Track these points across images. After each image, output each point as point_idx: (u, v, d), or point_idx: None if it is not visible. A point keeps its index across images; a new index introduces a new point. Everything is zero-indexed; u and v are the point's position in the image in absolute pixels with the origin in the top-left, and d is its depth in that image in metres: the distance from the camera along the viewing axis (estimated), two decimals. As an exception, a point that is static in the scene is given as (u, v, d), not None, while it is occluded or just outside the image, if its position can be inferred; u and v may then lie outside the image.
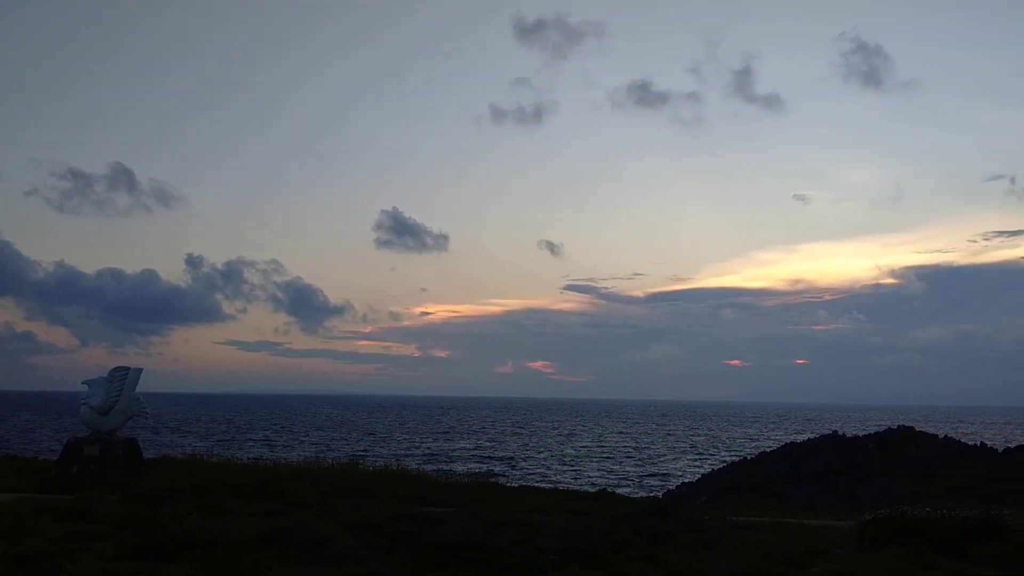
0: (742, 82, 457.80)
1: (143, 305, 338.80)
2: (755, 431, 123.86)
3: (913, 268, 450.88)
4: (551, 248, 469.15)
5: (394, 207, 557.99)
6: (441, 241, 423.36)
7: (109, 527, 13.01)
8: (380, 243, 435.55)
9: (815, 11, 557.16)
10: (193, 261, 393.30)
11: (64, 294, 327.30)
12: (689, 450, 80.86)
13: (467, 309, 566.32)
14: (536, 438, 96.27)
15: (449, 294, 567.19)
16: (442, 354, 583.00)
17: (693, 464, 63.61)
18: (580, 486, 39.11)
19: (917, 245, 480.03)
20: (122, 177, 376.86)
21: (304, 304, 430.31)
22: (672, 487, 43.33)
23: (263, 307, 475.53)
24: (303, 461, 24.18)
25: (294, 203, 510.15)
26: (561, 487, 32.89)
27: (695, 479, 43.58)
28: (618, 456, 71.46)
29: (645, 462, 65.94)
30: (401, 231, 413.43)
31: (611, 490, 31.06)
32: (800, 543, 13.48)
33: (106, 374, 21.27)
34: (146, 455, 23.67)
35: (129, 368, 21.40)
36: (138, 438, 22.53)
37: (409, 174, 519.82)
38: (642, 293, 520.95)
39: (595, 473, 55.72)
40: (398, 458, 54.57)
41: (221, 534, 12.06)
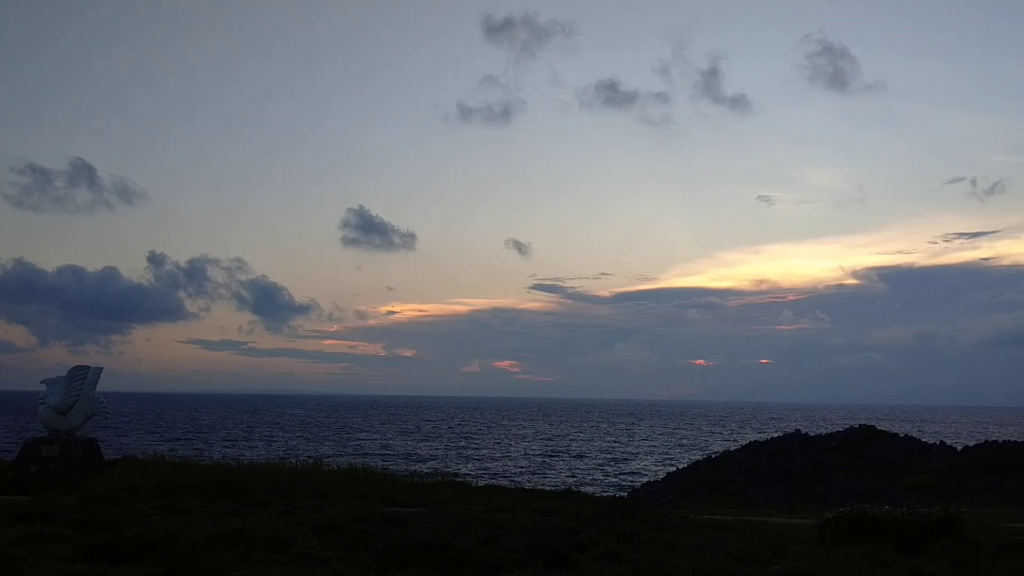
0: (709, 83, 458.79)
1: (104, 303, 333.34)
2: (719, 430, 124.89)
3: (875, 269, 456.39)
4: (519, 247, 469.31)
5: (361, 205, 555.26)
6: (408, 240, 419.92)
7: (68, 528, 12.84)
8: (347, 241, 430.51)
9: (782, 13, 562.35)
10: (156, 259, 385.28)
11: (23, 292, 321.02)
12: (654, 449, 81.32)
13: (434, 308, 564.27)
14: (502, 437, 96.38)
15: (416, 293, 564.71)
16: (409, 353, 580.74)
17: (658, 463, 63.96)
18: (546, 485, 39.18)
19: (879, 246, 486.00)
20: (83, 173, 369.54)
21: (269, 303, 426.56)
22: (637, 486, 43.56)
23: (227, 306, 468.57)
24: (266, 461, 24.04)
25: (259, 201, 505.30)
26: (527, 487, 32.95)
27: (660, 478, 43.84)
28: (584, 455, 71.72)
29: (611, 461, 66.22)
30: (368, 229, 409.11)
31: (577, 489, 31.20)
32: (762, 541, 13.62)
33: (65, 373, 21.04)
34: (106, 455, 23.40)
35: (89, 367, 21.20)
36: (98, 438, 22.29)
37: (376, 172, 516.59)
38: (609, 293, 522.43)
39: (561, 472, 55.88)
40: (363, 458, 54.45)
41: (182, 535, 11.95)
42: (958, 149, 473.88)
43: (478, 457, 67.43)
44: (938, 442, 42.92)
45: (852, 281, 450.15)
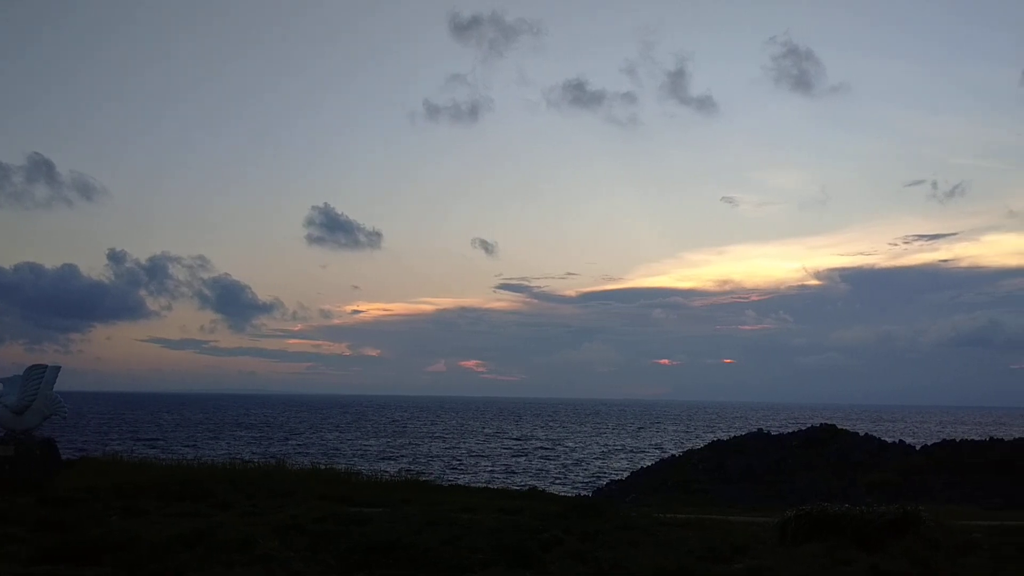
0: (676, 83, 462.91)
1: (63, 301, 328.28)
2: (683, 429, 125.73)
3: (837, 270, 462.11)
4: (485, 247, 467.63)
5: (325, 203, 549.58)
6: (374, 238, 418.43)
7: (25, 530, 12.66)
8: (311, 240, 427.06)
9: (749, 15, 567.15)
10: (116, 256, 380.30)
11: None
12: (619, 448, 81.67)
13: (399, 307, 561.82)
14: (467, 436, 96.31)
15: (381, 292, 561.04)
16: (374, 353, 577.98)
17: (623, 462, 64.25)
18: (511, 485, 39.21)
19: (841, 247, 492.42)
20: (41, 168, 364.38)
21: (232, 301, 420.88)
22: (602, 485, 43.73)
23: (189, 304, 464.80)
24: (228, 461, 23.86)
25: (222, 198, 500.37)
26: (492, 486, 32.96)
27: (624, 477, 44.03)
28: (548, 454, 71.87)
29: (576, 461, 66.41)
30: (333, 228, 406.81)
31: (541, 488, 31.25)
32: (724, 539, 13.74)
33: (22, 372, 20.73)
34: (65, 455, 23.08)
35: (47, 366, 20.90)
36: (56, 438, 21.95)
37: (342, 170, 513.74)
38: (574, 292, 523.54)
39: (526, 472, 55.95)
40: (327, 457, 54.18)
41: (142, 536, 11.82)
42: (920, 152, 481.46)
43: (443, 457, 67.32)
44: (898, 441, 43.53)
45: (814, 282, 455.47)
